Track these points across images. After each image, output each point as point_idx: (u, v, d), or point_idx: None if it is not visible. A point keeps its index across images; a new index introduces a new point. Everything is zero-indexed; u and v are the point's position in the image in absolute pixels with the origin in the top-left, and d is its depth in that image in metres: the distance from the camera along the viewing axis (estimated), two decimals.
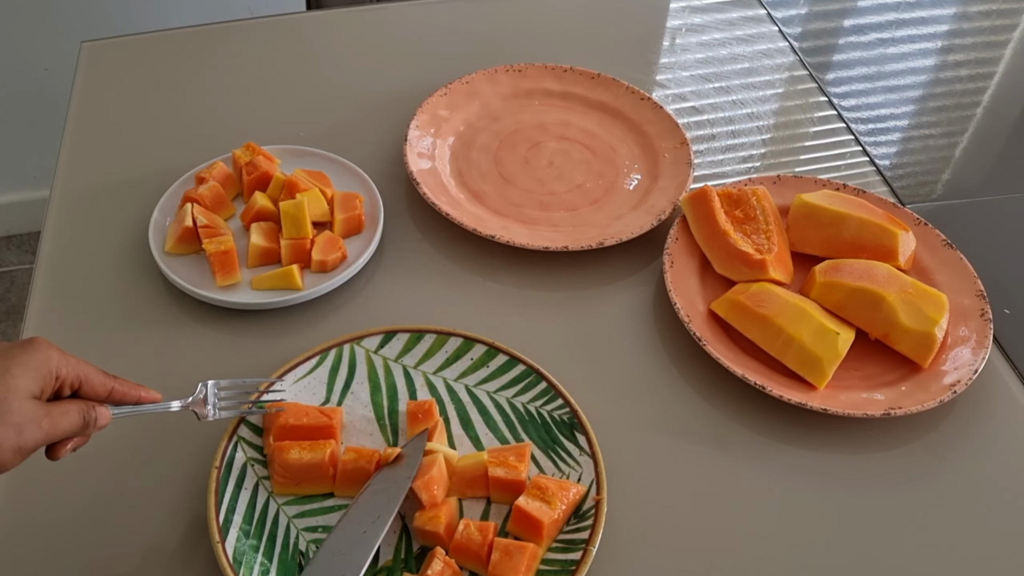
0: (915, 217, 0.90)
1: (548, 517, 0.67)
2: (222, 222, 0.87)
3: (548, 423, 0.75)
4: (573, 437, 0.73)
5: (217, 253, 0.82)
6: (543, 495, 0.68)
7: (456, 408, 0.76)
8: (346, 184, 0.92)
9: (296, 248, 0.84)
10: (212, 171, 0.89)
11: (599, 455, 0.71)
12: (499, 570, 0.64)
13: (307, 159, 0.94)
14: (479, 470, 0.70)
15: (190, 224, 0.83)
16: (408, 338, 0.79)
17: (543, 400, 0.76)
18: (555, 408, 0.75)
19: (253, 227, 0.85)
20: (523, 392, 0.76)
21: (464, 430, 0.75)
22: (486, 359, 0.78)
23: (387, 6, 1.21)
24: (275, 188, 0.89)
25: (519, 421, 0.75)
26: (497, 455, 0.70)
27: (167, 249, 0.85)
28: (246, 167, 0.90)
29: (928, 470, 0.75)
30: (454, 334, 0.79)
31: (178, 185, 0.90)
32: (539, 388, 0.76)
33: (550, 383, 0.76)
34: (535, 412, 0.75)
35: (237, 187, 0.91)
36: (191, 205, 0.85)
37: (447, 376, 0.78)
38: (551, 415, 0.75)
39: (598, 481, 0.70)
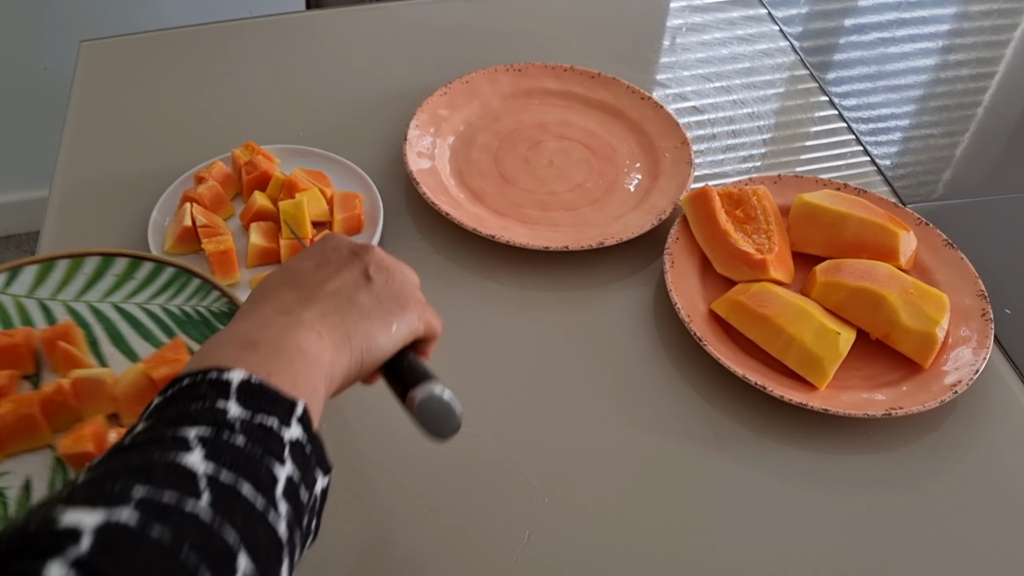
0: (916, 217, 0.90)
1: None
2: (221, 222, 0.86)
3: (207, 318, 0.74)
4: None
5: (216, 253, 0.82)
6: None
7: (105, 327, 0.74)
8: (346, 184, 0.92)
9: (295, 248, 0.84)
10: (211, 171, 0.89)
11: None
12: None
13: (307, 159, 0.94)
14: (143, 381, 0.69)
15: (189, 224, 0.83)
16: (37, 269, 0.75)
17: (199, 297, 0.75)
18: (212, 302, 0.75)
19: (252, 227, 0.85)
20: (177, 294, 0.75)
21: (116, 346, 0.73)
22: (130, 271, 0.76)
23: (387, 6, 1.21)
24: (274, 188, 0.89)
25: (177, 324, 0.74)
26: (153, 360, 0.70)
27: (166, 249, 0.84)
28: (245, 167, 0.90)
29: (929, 470, 0.75)
30: (88, 254, 0.76)
31: (177, 185, 0.90)
32: (192, 287, 0.75)
33: (203, 278, 0.75)
34: (192, 311, 0.74)
35: (236, 187, 0.91)
36: (190, 205, 0.85)
37: (90, 299, 0.75)
38: (209, 309, 0.74)
39: None
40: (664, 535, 0.70)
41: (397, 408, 0.76)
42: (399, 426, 0.75)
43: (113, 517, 0.31)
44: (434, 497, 0.71)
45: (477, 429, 0.75)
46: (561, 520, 0.70)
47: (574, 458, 0.74)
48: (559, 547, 0.69)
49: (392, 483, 0.72)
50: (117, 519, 0.31)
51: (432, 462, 0.73)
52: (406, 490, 0.71)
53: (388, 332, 0.53)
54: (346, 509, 0.69)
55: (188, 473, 0.35)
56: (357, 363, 0.51)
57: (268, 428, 0.40)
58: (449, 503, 0.71)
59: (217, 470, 0.36)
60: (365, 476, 0.72)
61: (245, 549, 0.34)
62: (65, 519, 0.31)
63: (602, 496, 0.72)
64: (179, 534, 0.32)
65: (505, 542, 0.69)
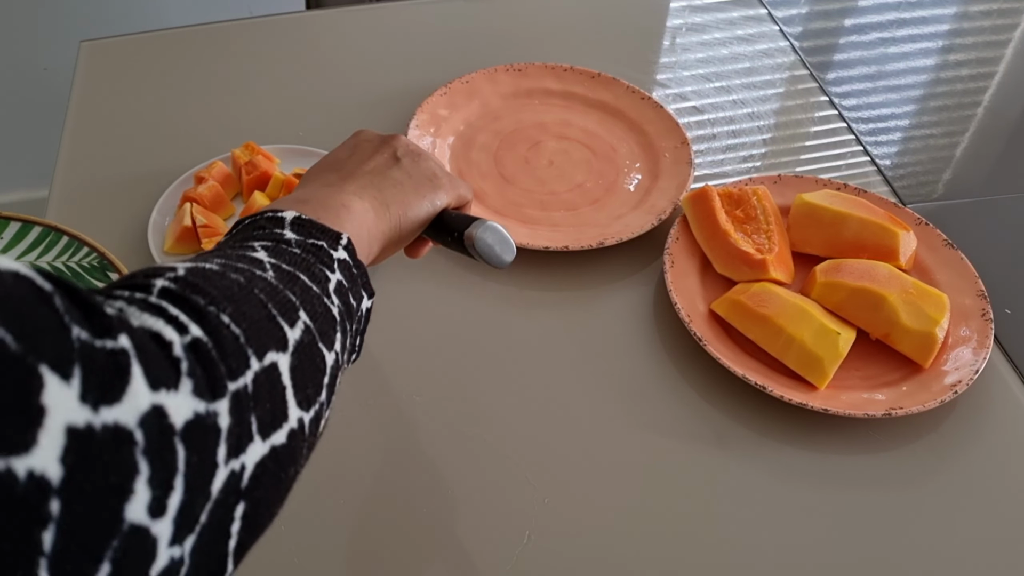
0: (916, 217, 0.90)
1: None
2: (221, 222, 0.86)
3: (80, 273, 0.76)
4: (107, 278, 0.75)
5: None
6: None
7: None
8: None
9: None
10: (211, 171, 0.89)
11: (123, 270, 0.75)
12: None
13: (307, 159, 0.94)
14: None
15: (189, 224, 0.83)
16: None
17: (69, 253, 0.77)
18: (83, 258, 0.76)
19: None
20: (46, 251, 0.77)
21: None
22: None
23: (387, 6, 1.21)
24: (274, 187, 0.89)
25: None
26: None
27: (166, 249, 0.84)
28: (245, 167, 0.90)
29: (929, 470, 0.75)
30: None
31: (177, 185, 0.90)
32: (62, 243, 0.77)
33: (72, 235, 0.77)
34: (63, 267, 0.76)
35: (236, 187, 0.91)
36: (190, 205, 0.85)
37: None
38: (80, 264, 0.76)
39: None
40: (664, 535, 0.70)
41: (396, 406, 0.76)
42: (400, 426, 0.76)
43: (199, 264, 0.39)
44: (434, 497, 0.71)
45: (477, 429, 0.75)
46: (561, 520, 0.70)
47: (574, 458, 0.74)
48: (559, 547, 0.69)
49: (392, 483, 0.72)
50: (203, 266, 0.39)
51: (432, 461, 0.73)
52: (406, 490, 0.71)
53: (420, 200, 0.61)
54: (347, 509, 0.69)
55: (255, 259, 0.42)
56: (396, 227, 0.59)
57: (320, 246, 0.46)
58: (449, 503, 0.71)
59: (279, 263, 0.42)
60: (365, 476, 0.72)
61: (304, 309, 0.41)
62: (164, 265, 0.38)
63: (602, 496, 0.72)
64: (252, 282, 0.39)
65: (505, 542, 0.69)
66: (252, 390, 0.35)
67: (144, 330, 0.32)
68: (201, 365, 0.33)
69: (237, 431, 0.34)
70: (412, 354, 0.81)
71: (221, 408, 0.33)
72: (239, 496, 0.34)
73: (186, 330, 0.34)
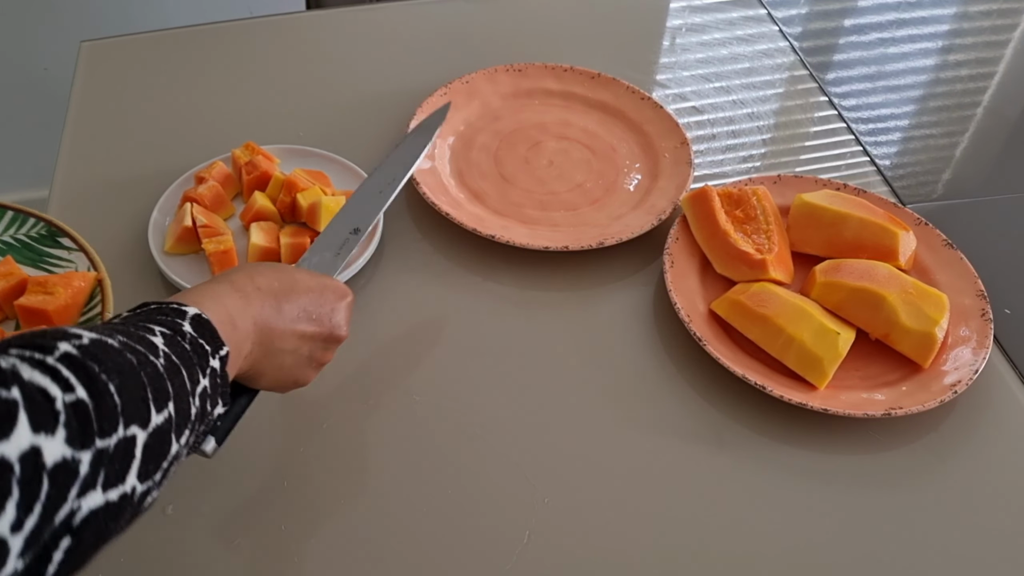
0: (916, 217, 0.90)
1: (53, 304, 0.71)
2: (222, 222, 0.87)
3: (28, 243, 0.78)
4: (57, 244, 0.78)
5: (217, 253, 0.82)
6: (44, 288, 0.72)
7: None
8: (346, 184, 0.92)
9: (296, 248, 0.84)
10: (212, 171, 0.89)
11: (87, 246, 0.77)
12: None
13: (307, 159, 0.94)
14: None
15: (189, 224, 0.83)
16: None
17: (15, 227, 0.79)
18: (31, 228, 0.79)
19: (253, 227, 0.85)
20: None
21: None
22: None
23: (387, 6, 1.21)
24: (274, 188, 0.89)
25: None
26: None
27: (166, 249, 0.84)
28: (245, 167, 0.90)
29: (928, 470, 0.75)
30: None
31: (177, 185, 0.90)
32: (7, 218, 0.80)
33: (16, 209, 0.79)
34: (11, 240, 0.79)
35: (237, 187, 0.91)
36: (190, 205, 0.85)
37: None
38: (28, 235, 0.79)
39: (94, 264, 0.76)
40: (664, 534, 0.70)
41: (396, 407, 0.76)
42: (400, 426, 0.76)
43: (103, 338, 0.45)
44: (434, 496, 0.71)
45: (477, 429, 0.75)
46: (561, 520, 0.70)
47: (574, 458, 0.74)
48: (559, 547, 0.69)
49: (392, 483, 0.72)
50: (107, 340, 0.45)
51: (432, 461, 0.73)
52: (406, 489, 0.71)
53: (282, 382, 0.63)
54: (346, 509, 0.69)
55: (152, 344, 0.48)
56: (251, 373, 0.61)
57: (204, 350, 0.52)
58: (449, 503, 0.71)
59: (170, 353, 0.49)
60: (365, 475, 0.72)
61: (173, 402, 0.47)
62: (72, 330, 0.45)
63: (602, 495, 0.72)
64: (142, 365, 0.46)
65: (505, 542, 0.69)
66: (112, 451, 0.42)
67: (33, 384, 0.39)
68: (78, 420, 0.40)
69: (89, 479, 0.41)
70: (412, 354, 0.81)
71: (84, 457, 0.40)
72: (69, 531, 0.40)
73: (72, 390, 0.41)
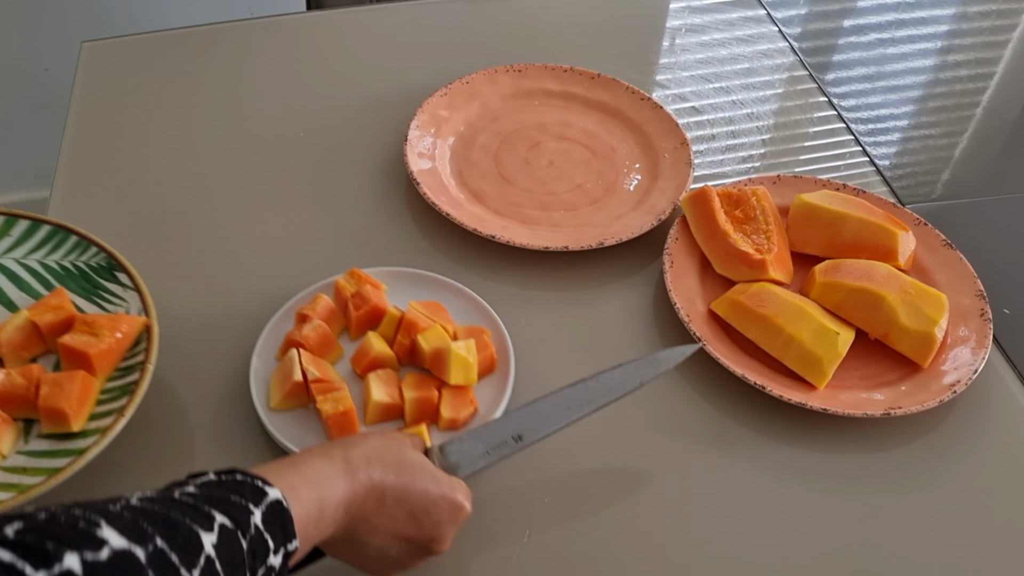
0: (915, 217, 0.90)
1: (95, 348, 0.68)
2: (334, 372, 0.75)
3: (86, 272, 0.76)
4: (114, 278, 0.75)
5: (336, 416, 0.70)
6: (90, 329, 0.69)
7: None
8: (465, 315, 0.81)
9: (422, 404, 0.73)
10: (315, 307, 0.78)
11: (143, 286, 0.74)
12: (51, 401, 0.65)
13: (417, 285, 0.83)
14: (27, 327, 0.70)
15: (300, 379, 0.72)
16: None
17: (77, 253, 0.77)
18: (90, 257, 0.77)
19: (371, 379, 0.74)
20: (54, 250, 0.77)
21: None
22: (6, 228, 0.79)
23: (387, 6, 1.21)
24: (388, 326, 0.77)
25: (56, 278, 0.77)
26: (36, 307, 0.72)
27: (273, 405, 0.73)
28: (352, 300, 0.78)
29: (928, 470, 0.75)
30: None
31: (276, 321, 0.79)
32: (70, 243, 0.77)
33: (80, 235, 0.77)
34: (71, 265, 0.77)
35: (342, 323, 0.80)
36: (297, 354, 0.73)
37: None
38: (88, 264, 0.76)
39: (146, 309, 0.73)
40: (664, 534, 0.70)
41: None
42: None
43: (132, 548, 0.41)
44: None
45: None
46: (561, 520, 0.70)
47: (574, 457, 0.74)
48: (559, 547, 0.69)
49: None
50: (133, 551, 0.41)
51: None
52: None
53: (350, 561, 0.60)
54: None
55: (198, 547, 0.43)
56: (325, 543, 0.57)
57: (268, 546, 0.48)
58: None
59: (214, 559, 0.44)
60: None
61: None
62: (101, 532, 0.40)
63: (602, 495, 0.72)
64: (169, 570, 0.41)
65: (505, 542, 0.69)
66: None
67: None
68: None
69: None
70: None
71: None
72: None
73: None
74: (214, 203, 0.93)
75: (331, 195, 0.94)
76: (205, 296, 0.83)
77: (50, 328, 0.71)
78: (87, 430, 0.66)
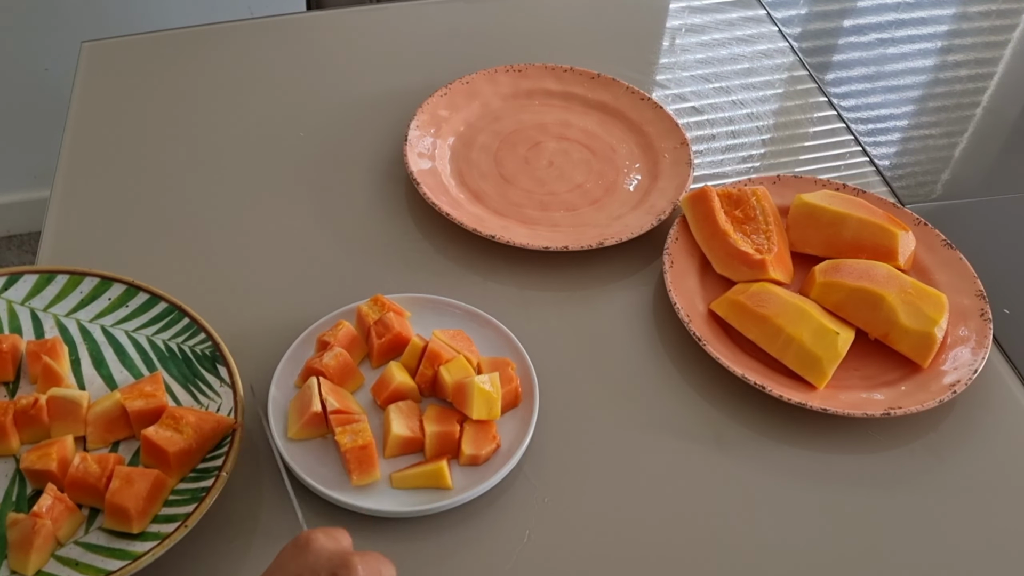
0: (915, 217, 0.90)
1: (175, 446, 0.66)
2: (354, 402, 0.74)
3: (190, 357, 0.74)
4: (215, 370, 0.73)
5: (354, 450, 0.68)
6: (176, 425, 0.67)
7: (89, 348, 0.75)
8: (488, 346, 0.79)
9: (443, 439, 0.71)
10: (337, 334, 0.76)
11: (238, 384, 0.71)
12: (117, 498, 0.63)
13: (442, 314, 0.81)
14: (116, 410, 0.69)
15: (319, 410, 0.71)
16: (37, 279, 0.77)
17: (185, 336, 0.75)
18: (197, 343, 0.75)
19: (391, 411, 0.72)
20: (165, 329, 0.76)
21: (96, 369, 0.74)
22: (125, 298, 0.77)
23: (387, 6, 1.21)
24: (411, 356, 0.75)
25: (159, 358, 0.75)
26: (130, 390, 0.70)
27: (290, 435, 0.71)
28: (375, 327, 0.77)
29: (928, 470, 0.75)
30: (89, 273, 0.77)
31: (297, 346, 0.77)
32: (181, 324, 0.76)
33: (192, 318, 0.75)
34: (176, 348, 0.75)
35: (363, 350, 0.78)
36: (317, 383, 0.72)
37: (81, 317, 0.76)
38: (193, 350, 0.75)
39: (236, 409, 0.69)
40: (663, 534, 0.70)
41: None
42: None
43: None
44: None
45: None
46: (561, 520, 0.70)
47: (574, 457, 0.74)
48: (559, 547, 0.69)
49: None
50: None
51: None
52: None
53: None
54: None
55: None
56: None
57: None
58: None
59: None
60: None
61: None
62: None
63: (602, 495, 0.72)
64: None
65: (505, 542, 0.69)
66: None
67: None
68: None
69: None
70: None
71: None
72: None
73: None
74: (214, 203, 0.93)
75: (331, 195, 0.94)
76: (206, 298, 0.83)
77: (138, 416, 0.69)
78: (147, 533, 0.64)
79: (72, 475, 0.65)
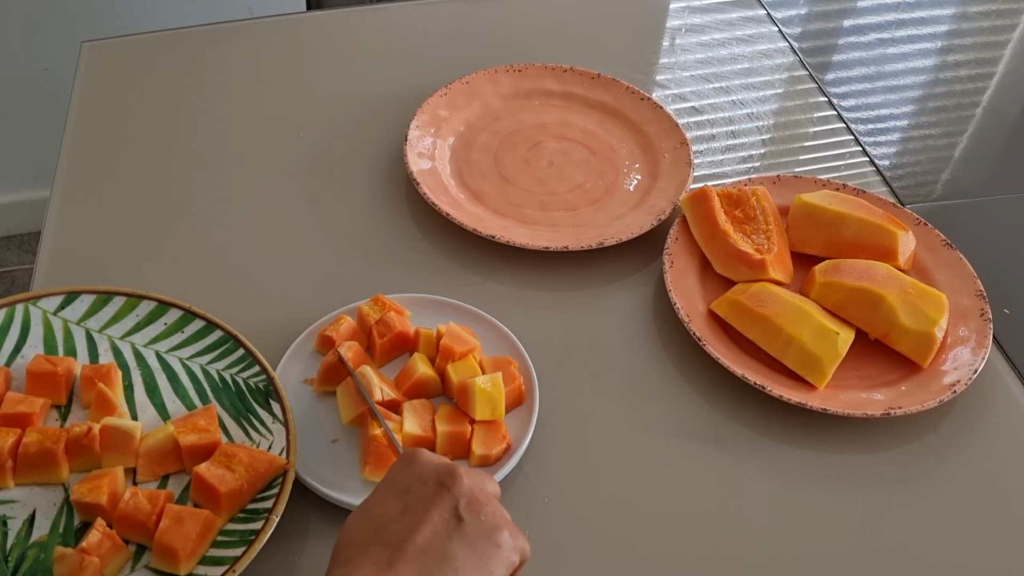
0: (915, 217, 0.91)
1: (227, 485, 0.64)
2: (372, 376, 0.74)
3: (243, 390, 0.72)
4: (267, 405, 0.71)
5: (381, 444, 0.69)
6: (228, 463, 0.65)
7: (143, 374, 0.74)
8: (486, 342, 0.79)
9: (454, 439, 0.71)
10: (338, 328, 0.77)
11: (292, 422, 0.69)
12: (167, 538, 0.61)
13: (441, 312, 0.81)
14: (168, 443, 0.67)
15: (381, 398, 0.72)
16: (94, 300, 0.75)
17: (240, 367, 0.73)
18: (251, 375, 0.73)
19: (407, 408, 0.72)
20: (219, 359, 0.74)
21: (149, 397, 0.73)
22: (181, 324, 0.75)
23: (387, 6, 1.21)
24: (428, 346, 0.77)
25: (212, 388, 0.73)
26: (183, 423, 0.68)
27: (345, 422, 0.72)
28: (376, 327, 0.77)
29: (928, 470, 0.75)
30: (147, 297, 0.76)
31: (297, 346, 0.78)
32: (236, 355, 0.74)
33: (248, 350, 0.73)
34: (230, 379, 0.73)
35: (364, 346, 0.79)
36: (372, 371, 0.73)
37: (136, 341, 0.75)
38: (247, 382, 0.73)
39: (288, 449, 0.67)
40: (663, 534, 0.70)
41: None
42: None
43: None
44: None
45: None
46: (561, 520, 0.70)
47: (574, 457, 0.74)
48: (559, 547, 0.69)
49: None
50: None
51: None
52: None
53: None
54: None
55: None
56: None
57: None
58: None
59: None
60: None
61: None
62: None
63: (602, 495, 0.72)
64: None
65: None
66: None
67: None
68: None
69: None
70: None
71: None
72: None
73: None
74: (213, 203, 0.93)
75: (330, 195, 0.94)
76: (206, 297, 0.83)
77: (191, 451, 0.67)
78: (194, 575, 0.62)
79: (122, 510, 0.63)
